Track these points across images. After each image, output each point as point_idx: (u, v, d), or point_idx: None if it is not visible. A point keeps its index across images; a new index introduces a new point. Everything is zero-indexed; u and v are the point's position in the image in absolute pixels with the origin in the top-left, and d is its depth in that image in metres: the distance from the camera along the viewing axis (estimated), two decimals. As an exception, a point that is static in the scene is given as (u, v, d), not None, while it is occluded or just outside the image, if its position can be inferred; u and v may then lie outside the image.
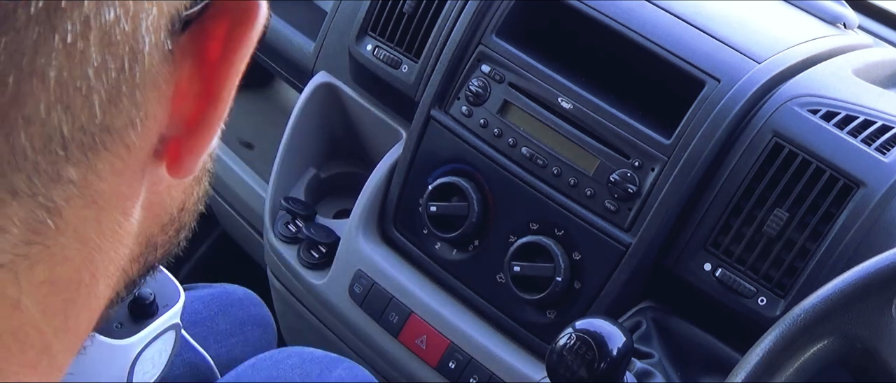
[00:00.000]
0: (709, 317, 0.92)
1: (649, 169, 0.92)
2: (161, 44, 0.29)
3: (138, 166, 0.32)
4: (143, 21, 0.28)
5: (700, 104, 0.91)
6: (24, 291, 0.30)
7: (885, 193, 0.84)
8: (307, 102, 1.20)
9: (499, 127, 1.00)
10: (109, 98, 0.28)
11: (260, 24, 0.32)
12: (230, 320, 1.02)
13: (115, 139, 0.30)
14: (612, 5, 0.98)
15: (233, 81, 0.33)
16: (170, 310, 0.79)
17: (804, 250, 0.86)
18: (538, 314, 0.98)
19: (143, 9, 0.28)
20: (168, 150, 0.33)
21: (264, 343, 1.09)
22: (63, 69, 0.27)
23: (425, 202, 1.03)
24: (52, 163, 0.28)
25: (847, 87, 0.94)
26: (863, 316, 0.64)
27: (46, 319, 0.32)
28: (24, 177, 0.28)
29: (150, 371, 0.82)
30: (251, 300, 1.09)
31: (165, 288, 0.81)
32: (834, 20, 1.11)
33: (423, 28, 1.06)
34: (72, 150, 0.28)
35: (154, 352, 0.81)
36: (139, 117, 0.30)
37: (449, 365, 1.02)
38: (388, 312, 1.06)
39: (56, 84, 0.27)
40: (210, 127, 0.34)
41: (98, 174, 0.30)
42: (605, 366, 0.71)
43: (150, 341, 0.79)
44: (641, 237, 0.92)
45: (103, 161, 0.30)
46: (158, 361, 0.83)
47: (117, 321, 0.77)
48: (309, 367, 0.98)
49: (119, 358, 0.77)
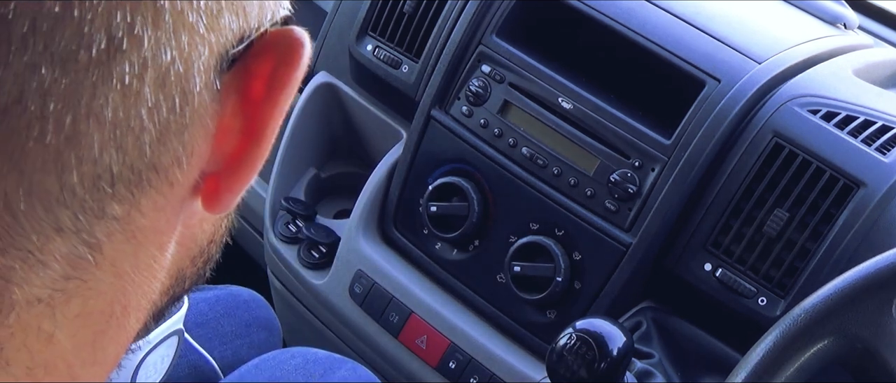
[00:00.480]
0: (709, 317, 0.92)
1: (649, 169, 0.92)
2: (210, 83, 0.29)
3: (178, 202, 0.32)
4: (195, 61, 0.28)
5: (700, 104, 0.91)
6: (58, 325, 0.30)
7: (885, 193, 0.84)
8: (307, 102, 1.20)
9: (499, 127, 1.00)
10: (159, 137, 0.28)
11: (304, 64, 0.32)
12: (235, 322, 1.02)
13: (161, 176, 0.30)
14: (612, 5, 0.98)
15: (277, 121, 0.33)
16: (173, 317, 0.79)
17: (804, 250, 0.86)
18: (538, 314, 0.98)
19: (197, 49, 0.28)
20: (206, 186, 0.33)
21: (269, 345, 1.09)
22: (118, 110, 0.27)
23: (425, 202, 1.03)
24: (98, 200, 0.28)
25: (847, 88, 0.94)
26: (863, 316, 0.64)
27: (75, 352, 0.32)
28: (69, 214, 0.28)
29: (152, 375, 0.82)
30: (257, 302, 1.09)
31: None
32: (834, 20, 1.11)
33: (424, 28, 1.06)
34: (119, 188, 0.28)
35: (156, 357, 0.81)
36: (185, 154, 0.30)
37: (449, 365, 1.02)
38: (389, 312, 1.06)
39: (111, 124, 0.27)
40: (252, 164, 0.33)
41: (141, 210, 0.30)
42: (605, 366, 0.71)
43: (153, 347, 0.79)
44: (641, 237, 0.92)
45: (147, 197, 0.30)
46: (161, 366, 0.83)
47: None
48: (312, 368, 0.98)
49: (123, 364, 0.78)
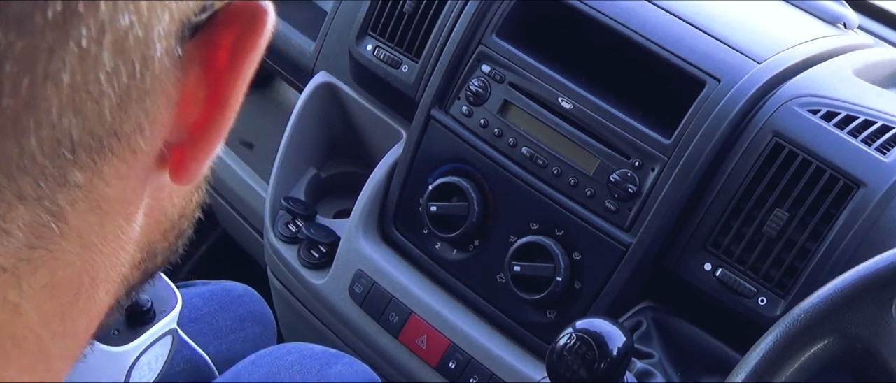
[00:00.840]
0: (709, 317, 0.92)
1: (649, 169, 0.92)
2: (172, 50, 0.30)
3: (143, 172, 0.32)
4: (155, 27, 0.28)
5: (700, 104, 0.91)
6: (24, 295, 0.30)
7: (885, 193, 0.84)
8: (307, 102, 1.20)
9: (499, 127, 1.00)
10: (119, 103, 0.28)
11: (267, 33, 0.32)
12: (229, 316, 1.02)
13: (123, 143, 0.30)
14: (612, 5, 0.98)
15: (240, 89, 0.33)
16: (167, 316, 0.80)
17: (804, 250, 0.86)
18: (538, 314, 0.98)
19: (156, 14, 0.28)
20: (172, 157, 0.33)
21: (264, 339, 1.09)
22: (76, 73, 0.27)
23: (425, 202, 1.03)
24: (59, 166, 0.28)
25: (847, 87, 0.94)
26: (863, 316, 0.64)
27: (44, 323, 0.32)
28: (31, 181, 0.28)
29: (146, 375, 0.82)
30: (251, 296, 1.09)
31: (163, 293, 0.82)
32: (834, 20, 1.11)
33: (424, 28, 1.06)
34: (79, 154, 0.28)
35: (151, 357, 0.81)
36: (147, 122, 0.30)
37: (449, 365, 1.02)
38: (388, 312, 1.06)
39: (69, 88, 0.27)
40: (215, 134, 0.33)
41: (104, 178, 0.30)
42: (605, 366, 0.71)
43: (147, 347, 0.79)
44: (641, 237, 0.92)
45: (109, 165, 0.30)
46: (155, 366, 0.83)
47: (115, 328, 0.78)
48: (308, 363, 0.98)
49: (116, 364, 0.78)
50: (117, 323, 0.78)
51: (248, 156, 1.38)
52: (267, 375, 0.97)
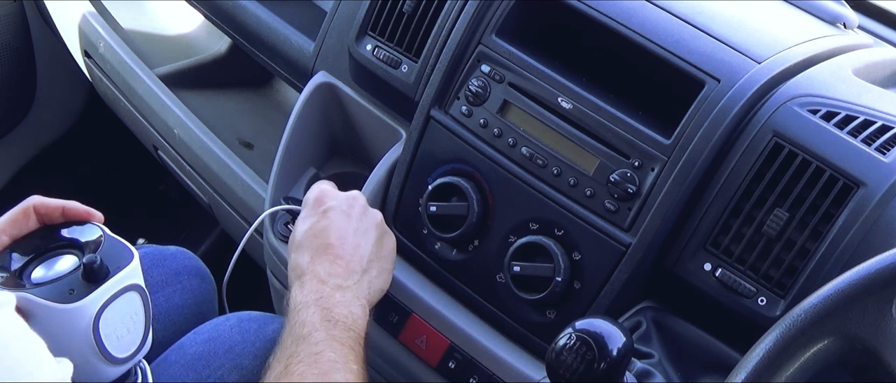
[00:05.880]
0: (709, 317, 0.92)
1: (649, 169, 0.92)
2: None
3: None
4: None
5: (700, 104, 0.91)
6: None
7: (885, 193, 0.84)
8: (307, 102, 1.20)
9: (499, 127, 1.00)
10: None
11: None
12: (163, 271, 1.05)
13: None
14: (612, 5, 0.98)
15: None
16: (122, 271, 0.83)
17: (804, 250, 0.86)
18: (538, 314, 0.98)
19: None
20: None
21: (204, 291, 1.13)
22: None
23: (425, 202, 1.03)
24: None
25: (847, 87, 0.94)
26: (863, 317, 0.64)
27: None
28: None
29: (126, 335, 0.85)
30: (184, 254, 1.14)
31: (116, 251, 0.85)
32: (834, 20, 1.11)
33: (423, 28, 1.06)
34: None
35: (119, 314, 0.84)
36: None
37: (449, 365, 1.02)
38: (388, 312, 1.06)
39: None
40: None
41: None
42: (605, 366, 0.71)
43: (107, 301, 0.81)
44: (641, 237, 0.92)
45: None
46: (133, 325, 0.86)
47: (69, 288, 0.80)
48: (246, 325, 1.04)
49: (77, 320, 0.80)
50: (73, 283, 0.81)
51: (248, 156, 1.38)
52: (208, 340, 1.02)
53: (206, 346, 1.01)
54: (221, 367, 0.99)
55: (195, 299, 1.11)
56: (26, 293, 0.79)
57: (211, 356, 1.00)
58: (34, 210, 0.87)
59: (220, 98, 1.55)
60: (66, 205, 0.88)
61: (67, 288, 0.80)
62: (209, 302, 1.16)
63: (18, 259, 0.84)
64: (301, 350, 0.81)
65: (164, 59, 1.57)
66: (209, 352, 1.00)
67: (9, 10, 1.75)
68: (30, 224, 0.88)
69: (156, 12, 1.70)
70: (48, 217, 0.88)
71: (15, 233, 0.86)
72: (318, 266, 0.90)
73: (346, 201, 0.98)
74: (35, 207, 0.87)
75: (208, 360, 0.99)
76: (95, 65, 1.59)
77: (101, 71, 1.58)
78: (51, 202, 0.88)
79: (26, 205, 0.87)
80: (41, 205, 0.88)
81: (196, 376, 0.98)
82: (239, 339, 1.01)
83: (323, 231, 0.94)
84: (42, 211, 0.88)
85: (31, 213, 0.87)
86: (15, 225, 0.86)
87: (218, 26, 1.42)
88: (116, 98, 1.57)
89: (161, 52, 1.60)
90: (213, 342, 1.01)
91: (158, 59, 1.56)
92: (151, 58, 1.55)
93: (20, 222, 0.87)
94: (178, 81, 1.52)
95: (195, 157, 1.38)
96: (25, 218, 0.87)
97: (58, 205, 0.88)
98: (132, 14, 1.66)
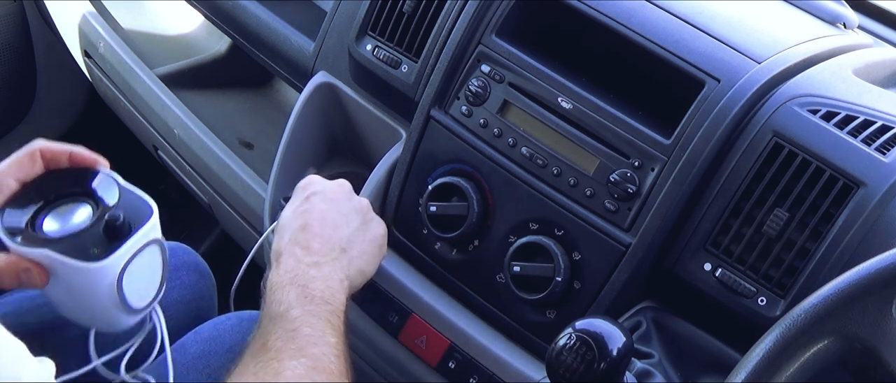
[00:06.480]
0: (709, 317, 0.92)
1: (649, 169, 0.92)
2: None
3: None
4: None
5: (700, 104, 0.91)
6: None
7: (885, 193, 0.84)
8: (307, 102, 1.20)
9: (499, 127, 1.00)
10: None
11: None
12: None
13: None
14: (612, 5, 0.98)
15: None
16: (143, 228, 0.83)
17: (804, 250, 0.86)
18: (538, 314, 0.98)
19: None
20: None
21: (201, 287, 1.13)
22: None
23: (425, 202, 1.03)
24: None
25: (847, 87, 0.94)
26: (863, 316, 0.64)
27: None
28: None
29: (145, 287, 0.86)
30: (183, 249, 1.14)
31: (136, 205, 0.84)
32: (834, 20, 1.11)
33: (423, 28, 1.06)
34: None
35: (140, 268, 0.84)
36: None
37: (449, 365, 1.02)
38: (388, 312, 1.06)
39: None
40: None
41: None
42: (605, 366, 0.71)
43: (130, 258, 0.82)
44: (641, 237, 0.92)
45: None
46: (152, 276, 0.87)
47: (93, 246, 0.80)
48: (246, 325, 1.03)
49: (102, 278, 0.81)
50: (96, 240, 0.80)
51: (248, 157, 1.38)
52: (208, 339, 1.02)
53: (206, 346, 1.01)
54: (222, 367, 0.99)
55: (194, 295, 1.11)
56: (50, 251, 0.79)
57: (211, 355, 1.00)
58: (40, 154, 0.85)
59: (220, 98, 1.55)
60: (73, 149, 0.86)
61: (91, 245, 0.80)
62: (208, 298, 1.16)
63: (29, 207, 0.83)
64: (278, 327, 0.81)
65: (164, 59, 1.57)
66: (209, 352, 1.00)
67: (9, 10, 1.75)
68: (36, 168, 0.85)
69: (156, 12, 1.71)
70: (54, 161, 0.86)
71: (21, 176, 0.84)
72: (296, 245, 0.90)
73: (330, 187, 0.98)
74: (41, 151, 0.85)
75: (209, 360, 1.00)
76: (95, 65, 1.59)
77: (101, 71, 1.58)
78: (56, 146, 0.86)
79: (32, 149, 0.85)
80: (47, 150, 0.85)
81: (197, 376, 0.98)
82: (239, 339, 1.01)
83: (303, 213, 0.94)
84: (48, 155, 0.85)
85: (37, 157, 0.85)
86: (21, 168, 0.84)
87: (218, 26, 1.42)
88: (116, 98, 1.57)
89: (161, 52, 1.60)
90: (213, 341, 1.01)
91: (158, 59, 1.57)
92: (151, 58, 1.55)
93: (26, 166, 0.84)
94: (178, 81, 1.52)
95: (195, 157, 1.38)
96: (32, 162, 0.84)
97: (64, 150, 0.86)
98: (132, 14, 1.66)
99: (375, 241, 0.98)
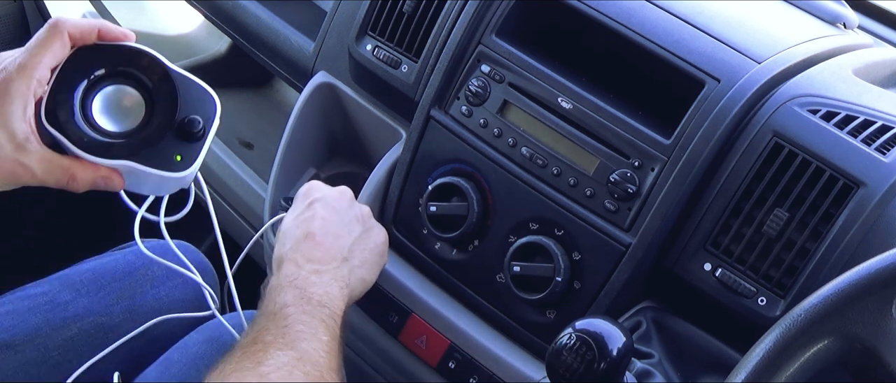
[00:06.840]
0: (709, 317, 0.92)
1: (649, 169, 0.92)
2: None
3: None
4: None
5: (700, 104, 0.91)
6: None
7: (885, 193, 0.84)
8: (307, 102, 1.20)
9: (499, 127, 1.00)
10: None
11: None
12: (164, 266, 1.04)
13: None
14: (612, 5, 0.98)
15: None
16: (214, 124, 0.83)
17: (804, 250, 0.86)
18: (538, 314, 0.98)
19: None
20: None
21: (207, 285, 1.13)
22: None
23: (425, 202, 1.03)
24: None
25: (847, 87, 0.94)
26: (863, 317, 0.64)
27: None
28: None
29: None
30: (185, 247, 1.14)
31: (199, 98, 0.84)
32: (834, 20, 1.11)
33: (423, 28, 1.06)
34: None
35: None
36: None
37: (449, 365, 1.02)
38: (389, 312, 1.06)
39: None
40: None
41: None
42: (605, 366, 0.71)
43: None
44: (641, 237, 0.92)
45: None
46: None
47: (175, 153, 0.80)
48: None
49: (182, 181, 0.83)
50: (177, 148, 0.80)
51: (248, 156, 1.38)
52: (209, 339, 1.02)
53: (207, 346, 1.01)
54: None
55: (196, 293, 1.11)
56: (134, 163, 0.78)
57: (212, 355, 1.00)
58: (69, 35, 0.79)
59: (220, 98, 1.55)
60: (102, 24, 0.82)
61: (173, 153, 0.80)
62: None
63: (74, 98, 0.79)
64: (271, 324, 0.81)
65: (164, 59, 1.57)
66: (210, 352, 1.00)
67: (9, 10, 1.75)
68: (66, 52, 0.80)
69: (156, 12, 1.71)
70: (82, 39, 0.80)
71: (54, 64, 0.79)
72: (297, 253, 0.91)
73: (332, 195, 0.98)
74: (69, 32, 0.79)
75: (209, 360, 1.00)
76: (95, 65, 1.59)
77: (101, 71, 1.58)
78: (83, 22, 0.80)
79: (61, 31, 0.78)
80: (75, 28, 0.79)
81: (197, 376, 0.98)
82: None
83: (306, 221, 0.94)
84: (76, 34, 0.80)
85: (66, 40, 0.79)
86: (54, 56, 0.78)
87: (218, 26, 1.42)
88: (116, 98, 1.57)
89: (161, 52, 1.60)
90: (214, 341, 1.01)
91: (158, 59, 1.56)
92: (151, 58, 1.55)
93: (59, 53, 0.78)
94: (178, 81, 1.52)
95: (195, 157, 1.38)
96: (62, 47, 0.79)
97: (92, 26, 0.81)
98: (132, 14, 1.66)
99: (376, 250, 0.99)
